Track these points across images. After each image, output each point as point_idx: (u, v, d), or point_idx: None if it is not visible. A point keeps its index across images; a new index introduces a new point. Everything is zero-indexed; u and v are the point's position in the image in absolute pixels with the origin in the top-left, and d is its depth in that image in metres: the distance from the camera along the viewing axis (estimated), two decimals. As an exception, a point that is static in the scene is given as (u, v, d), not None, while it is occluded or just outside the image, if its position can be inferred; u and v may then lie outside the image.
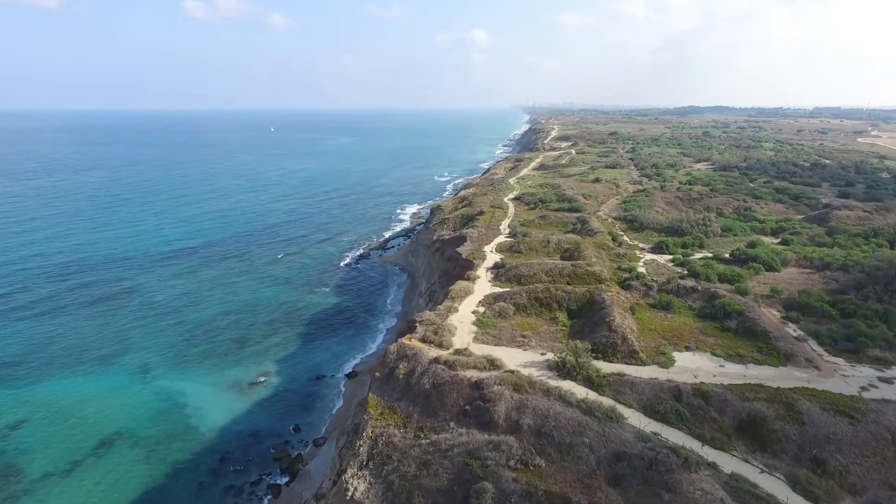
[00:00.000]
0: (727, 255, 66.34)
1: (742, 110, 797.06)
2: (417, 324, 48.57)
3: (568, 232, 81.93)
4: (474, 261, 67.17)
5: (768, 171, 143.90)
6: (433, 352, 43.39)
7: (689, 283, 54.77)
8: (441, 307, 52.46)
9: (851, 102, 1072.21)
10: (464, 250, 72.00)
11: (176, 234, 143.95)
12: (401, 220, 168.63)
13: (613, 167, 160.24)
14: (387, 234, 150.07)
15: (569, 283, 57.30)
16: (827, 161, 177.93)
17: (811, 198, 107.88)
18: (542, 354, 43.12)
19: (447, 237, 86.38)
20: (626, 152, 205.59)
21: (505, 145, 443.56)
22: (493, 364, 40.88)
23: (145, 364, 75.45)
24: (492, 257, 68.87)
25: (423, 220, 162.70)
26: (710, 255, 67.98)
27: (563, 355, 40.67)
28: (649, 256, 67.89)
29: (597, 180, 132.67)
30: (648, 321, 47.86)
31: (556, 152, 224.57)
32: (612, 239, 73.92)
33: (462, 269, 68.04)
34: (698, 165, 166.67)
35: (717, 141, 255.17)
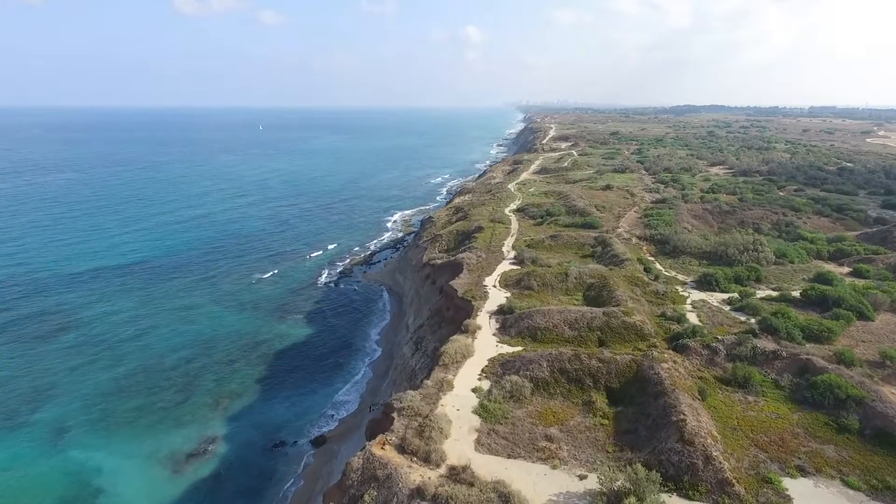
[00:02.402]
0: (796, 294, 52.03)
1: (738, 109, 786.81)
2: (395, 413, 33.87)
3: (586, 257, 67.52)
4: (473, 300, 52.52)
5: (796, 176, 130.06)
6: (416, 472, 28.75)
7: (769, 344, 40.32)
8: (430, 382, 37.76)
9: (845, 102, 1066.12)
10: (460, 284, 57.35)
11: (138, 247, 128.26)
12: (389, 229, 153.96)
13: (622, 171, 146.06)
14: (373, 246, 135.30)
15: (601, 342, 42.81)
16: (848, 164, 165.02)
17: (857, 210, 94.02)
18: (581, 478, 28.57)
19: (439, 262, 71.73)
20: (632, 154, 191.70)
21: (500, 145, 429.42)
22: (506, 503, 26.27)
23: (62, 425, 60.33)
24: (495, 295, 54.26)
25: (414, 230, 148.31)
26: (773, 292, 53.65)
27: (615, 486, 26.19)
28: (696, 295, 53.46)
29: (608, 187, 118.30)
30: (726, 411, 33.40)
31: (557, 153, 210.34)
32: (645, 269, 59.48)
33: (458, 310, 53.44)
34: (714, 169, 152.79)
35: (725, 142, 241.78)
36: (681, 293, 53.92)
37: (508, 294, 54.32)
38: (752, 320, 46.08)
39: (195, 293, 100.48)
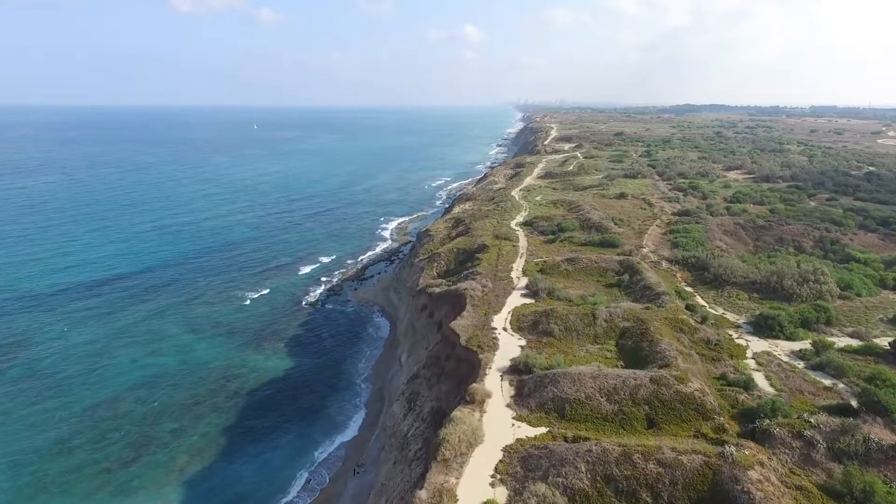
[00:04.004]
0: (884, 344, 41.82)
1: (739, 108, 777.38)
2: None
3: (611, 286, 57.26)
4: (480, 351, 42.22)
5: (824, 183, 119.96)
6: None
7: (883, 433, 29.97)
8: (424, 494, 27.43)
9: (846, 101, 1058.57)
10: (462, 327, 46.99)
11: (111, 262, 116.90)
12: (384, 238, 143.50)
13: (634, 176, 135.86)
14: (365, 258, 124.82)
15: (650, 421, 32.59)
16: (871, 167, 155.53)
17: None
18: None
19: (437, 291, 61.31)
20: (641, 156, 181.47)
21: (499, 145, 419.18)
22: None
23: (-20, 496, 50.12)
24: (507, 342, 43.98)
25: (410, 238, 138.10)
26: (851, 341, 43.43)
27: None
28: (756, 344, 43.16)
29: (622, 195, 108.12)
30: (853, 555, 23.11)
31: (560, 155, 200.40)
32: (687, 307, 49.13)
33: (460, 363, 43.19)
34: (732, 174, 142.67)
35: (735, 143, 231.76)
36: (736, 341, 43.64)
37: (523, 341, 44.04)
38: (841, 385, 35.89)
39: (166, 317, 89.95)
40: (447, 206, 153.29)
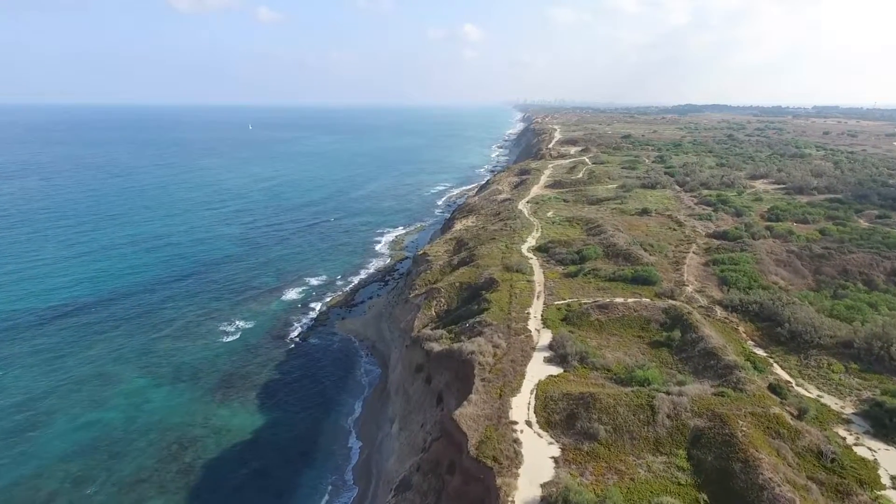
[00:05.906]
0: None
1: (741, 108, 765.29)
2: None
3: (658, 346, 44.84)
4: (497, 468, 29.85)
5: (868, 196, 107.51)
6: None
7: None
8: None
9: (847, 101, 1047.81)
10: (470, 420, 34.50)
11: (74, 287, 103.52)
12: (378, 254, 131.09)
13: (652, 187, 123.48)
14: (356, 279, 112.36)
15: None
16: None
17: (982, 249, 71.68)
18: None
19: (437, 350, 48.71)
20: (654, 162, 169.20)
21: (500, 147, 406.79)
22: None
23: None
24: (533, 450, 31.60)
25: (407, 254, 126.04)
26: None
27: None
28: (886, 457, 30.73)
29: (644, 212, 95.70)
30: None
31: (567, 160, 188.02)
32: (772, 389, 36.70)
33: (468, 480, 30.93)
34: (758, 184, 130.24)
35: (751, 147, 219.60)
36: (855, 449, 31.25)
37: (556, 448, 31.67)
38: None
39: (122, 357, 77.49)
40: (447, 216, 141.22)
